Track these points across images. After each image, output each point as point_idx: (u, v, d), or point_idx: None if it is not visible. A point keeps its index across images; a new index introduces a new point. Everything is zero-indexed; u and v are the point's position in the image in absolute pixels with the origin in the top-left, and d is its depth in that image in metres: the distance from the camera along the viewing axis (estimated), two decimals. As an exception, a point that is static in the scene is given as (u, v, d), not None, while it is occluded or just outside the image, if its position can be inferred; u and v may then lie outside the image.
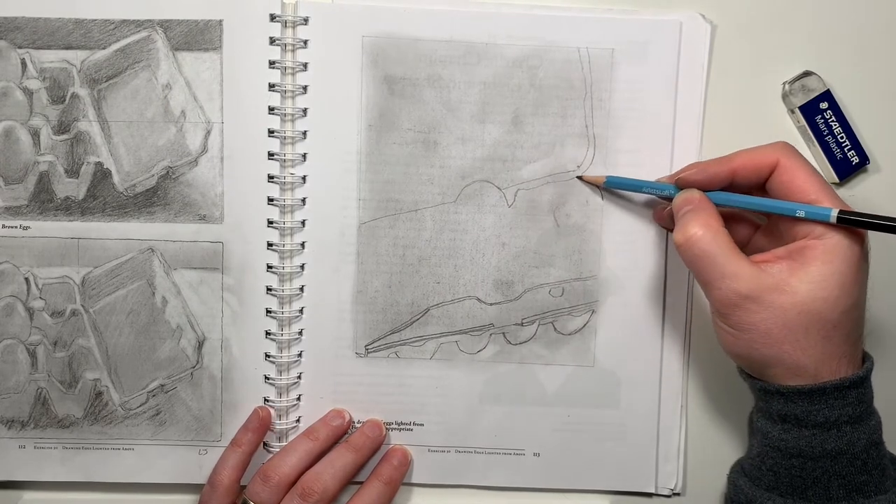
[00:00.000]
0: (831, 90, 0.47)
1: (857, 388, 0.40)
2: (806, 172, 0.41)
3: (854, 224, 0.39)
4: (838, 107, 0.47)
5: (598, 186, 0.48)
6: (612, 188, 0.47)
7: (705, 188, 0.43)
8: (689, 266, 0.41)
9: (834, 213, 0.39)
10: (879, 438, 0.41)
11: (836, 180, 0.48)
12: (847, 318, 0.39)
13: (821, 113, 0.47)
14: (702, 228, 0.40)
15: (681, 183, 0.44)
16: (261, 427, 0.48)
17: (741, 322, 0.40)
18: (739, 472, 0.45)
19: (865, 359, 0.42)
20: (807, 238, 0.40)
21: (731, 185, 0.43)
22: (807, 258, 0.39)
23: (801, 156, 0.41)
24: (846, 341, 0.40)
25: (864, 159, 0.48)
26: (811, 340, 0.39)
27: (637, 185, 0.46)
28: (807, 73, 0.48)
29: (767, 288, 0.39)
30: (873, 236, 0.40)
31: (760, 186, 0.43)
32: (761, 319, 0.39)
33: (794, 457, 0.41)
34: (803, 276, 0.39)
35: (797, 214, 0.40)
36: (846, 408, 0.40)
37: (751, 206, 0.42)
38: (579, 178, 0.48)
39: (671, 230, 0.46)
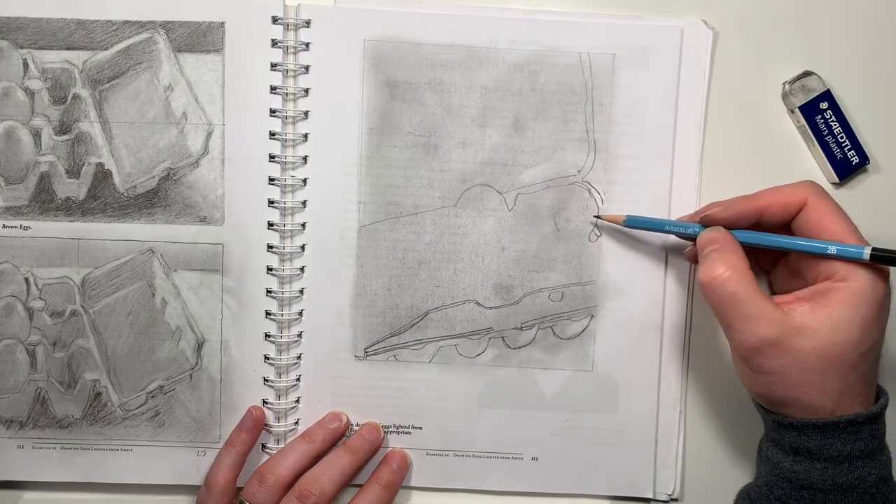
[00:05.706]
0: (831, 90, 0.47)
1: (870, 424, 0.40)
2: (834, 212, 0.41)
3: (887, 262, 0.38)
4: (838, 107, 0.47)
5: (617, 224, 0.47)
6: (632, 227, 0.47)
7: (731, 227, 0.42)
8: (713, 306, 0.41)
9: (867, 252, 0.39)
10: (889, 474, 0.41)
11: (836, 180, 0.48)
12: (864, 359, 0.39)
13: (821, 113, 0.47)
14: (728, 269, 0.40)
15: (705, 221, 0.43)
16: (255, 427, 0.48)
17: (761, 367, 0.40)
18: (746, 499, 0.44)
19: (881, 394, 0.41)
20: (831, 280, 0.40)
21: (758, 224, 0.42)
22: (830, 301, 0.39)
23: (828, 195, 0.42)
24: (862, 381, 0.40)
25: (864, 159, 0.48)
26: (828, 381, 0.39)
27: (659, 225, 0.46)
28: (807, 73, 0.48)
29: (789, 331, 0.39)
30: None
31: (786, 225, 0.42)
32: (781, 365, 0.39)
33: (805, 488, 0.40)
34: (825, 320, 0.39)
35: (829, 251, 0.40)
36: (858, 443, 0.39)
37: (779, 246, 0.42)
38: (597, 217, 0.47)
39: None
